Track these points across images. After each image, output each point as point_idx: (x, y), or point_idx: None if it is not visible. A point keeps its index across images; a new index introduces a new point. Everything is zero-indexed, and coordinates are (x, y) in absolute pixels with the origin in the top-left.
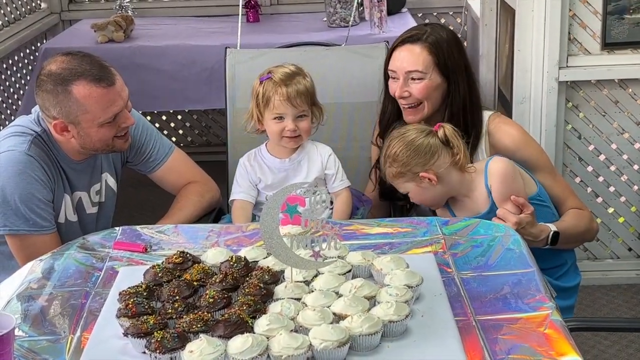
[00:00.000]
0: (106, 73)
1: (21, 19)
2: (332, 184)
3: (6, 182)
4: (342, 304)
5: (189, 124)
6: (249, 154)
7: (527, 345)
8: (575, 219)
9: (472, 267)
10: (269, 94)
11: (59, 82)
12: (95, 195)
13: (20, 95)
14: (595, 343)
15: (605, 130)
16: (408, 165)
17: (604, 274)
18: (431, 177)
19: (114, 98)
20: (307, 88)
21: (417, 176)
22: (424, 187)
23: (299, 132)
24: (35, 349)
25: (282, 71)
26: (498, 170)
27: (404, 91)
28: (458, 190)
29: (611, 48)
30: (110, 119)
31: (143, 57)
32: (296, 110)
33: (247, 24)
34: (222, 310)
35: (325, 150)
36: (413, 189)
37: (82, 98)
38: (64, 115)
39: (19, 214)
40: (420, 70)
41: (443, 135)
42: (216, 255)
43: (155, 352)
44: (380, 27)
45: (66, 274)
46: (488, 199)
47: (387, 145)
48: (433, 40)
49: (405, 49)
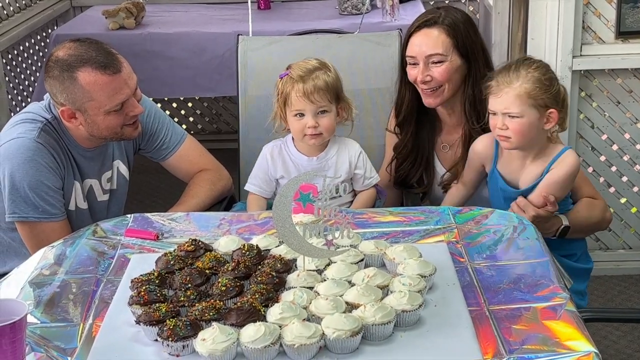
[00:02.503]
0: (112, 60)
1: (32, 5)
2: (362, 183)
3: (15, 169)
4: (354, 293)
5: (200, 111)
6: (274, 146)
7: (540, 335)
8: (588, 209)
9: (485, 257)
10: (287, 90)
11: (65, 69)
12: (107, 183)
13: (32, 81)
14: (607, 334)
15: (619, 120)
16: (549, 92)
17: (616, 265)
18: (555, 118)
19: (119, 86)
20: (327, 83)
21: (544, 109)
22: (538, 124)
23: (321, 130)
24: (48, 335)
25: (301, 66)
26: (570, 163)
27: (426, 76)
28: (535, 150)
29: (625, 37)
30: (117, 107)
31: (154, 44)
32: (315, 106)
33: (259, 12)
34: (234, 299)
35: (354, 148)
36: (530, 119)
37: (87, 85)
38: (70, 102)
39: (28, 201)
40: (440, 52)
41: (563, 92)
42: (228, 243)
43: (167, 339)
44: (392, 14)
45: (78, 260)
46: (535, 179)
47: (525, 61)
48: (450, 22)
49: (423, 33)
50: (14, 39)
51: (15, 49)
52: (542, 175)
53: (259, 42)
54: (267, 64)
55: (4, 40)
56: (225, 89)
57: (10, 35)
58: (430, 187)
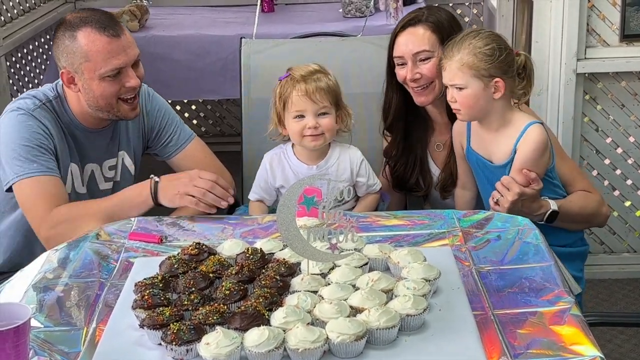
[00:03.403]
0: (113, 25)
1: (36, 7)
2: (365, 190)
3: (7, 137)
4: (359, 297)
5: (203, 114)
6: (274, 154)
7: (545, 339)
8: (581, 200)
9: (489, 261)
10: (288, 91)
11: (68, 28)
12: (109, 171)
13: (35, 84)
14: (612, 337)
15: (623, 123)
16: (490, 62)
17: (620, 268)
18: (502, 87)
19: (116, 50)
20: (328, 85)
21: (489, 79)
22: (484, 94)
23: (322, 130)
24: (51, 339)
25: (302, 68)
26: (534, 139)
27: (415, 73)
28: (496, 120)
29: (630, 40)
30: (111, 73)
31: (157, 46)
32: (316, 107)
33: (262, 14)
34: (238, 303)
35: (355, 155)
36: (473, 89)
37: (85, 45)
38: (69, 64)
39: (22, 159)
40: (427, 49)
41: (523, 61)
42: (232, 247)
43: (171, 343)
44: (396, 17)
45: (82, 264)
46: (508, 155)
47: (471, 32)
48: (434, 19)
49: (408, 32)
50: (18, 42)
51: (19, 51)
52: (512, 151)
53: (262, 45)
54: (271, 67)
55: (7, 43)
56: (229, 91)
57: (14, 38)
58: (429, 189)
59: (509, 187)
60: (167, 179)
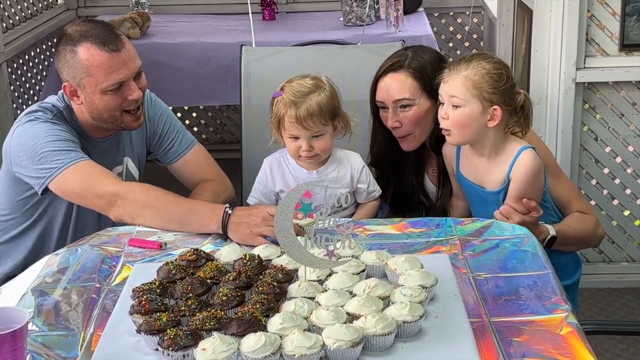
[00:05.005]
0: (114, 39)
1: (38, 14)
2: (365, 197)
3: (33, 141)
4: (355, 303)
5: (204, 121)
6: (274, 159)
7: (542, 348)
8: (578, 223)
9: (487, 269)
10: (281, 113)
11: (68, 43)
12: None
13: (37, 91)
14: (610, 346)
15: (622, 132)
16: (495, 87)
17: (619, 277)
18: (498, 116)
19: (117, 65)
20: (320, 106)
21: (488, 103)
22: (479, 118)
23: (316, 152)
24: (49, 344)
25: (294, 88)
26: (528, 165)
27: (395, 122)
28: (488, 147)
29: (629, 49)
30: (113, 87)
31: (159, 54)
32: (309, 132)
33: (263, 22)
34: (235, 308)
35: (356, 161)
36: (471, 110)
37: (86, 60)
38: (71, 77)
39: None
40: (407, 97)
41: (522, 100)
42: (230, 253)
43: (167, 349)
44: (397, 26)
45: (81, 269)
46: (501, 182)
47: (482, 54)
48: (416, 64)
49: (389, 77)
50: (20, 48)
51: (20, 58)
52: (506, 179)
53: (262, 53)
54: (271, 75)
55: (9, 50)
56: (230, 98)
57: (16, 44)
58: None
59: (509, 217)
60: (239, 216)
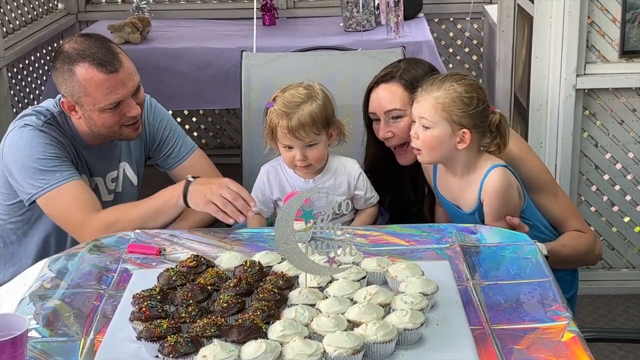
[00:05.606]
0: (111, 59)
1: (38, 19)
2: (362, 203)
3: (20, 153)
4: (356, 310)
5: (204, 126)
6: (271, 167)
7: (543, 355)
8: (573, 242)
9: (487, 276)
10: (274, 123)
11: (66, 61)
12: (111, 183)
13: (37, 95)
14: (610, 353)
15: (622, 139)
16: (464, 110)
17: (619, 284)
18: (467, 140)
19: (115, 85)
20: (312, 117)
21: (458, 126)
22: (448, 140)
23: (310, 162)
24: (48, 350)
25: (286, 98)
26: (495, 184)
27: (387, 132)
28: (460, 167)
29: (629, 56)
30: (111, 106)
31: (159, 59)
32: (301, 142)
33: (264, 27)
34: (235, 315)
35: (353, 168)
36: (440, 132)
37: (83, 80)
38: (69, 94)
39: (41, 172)
40: (398, 108)
41: (497, 120)
42: (230, 259)
43: (168, 356)
44: (397, 32)
45: (79, 274)
46: (474, 202)
47: (455, 75)
48: (409, 76)
49: (381, 88)
50: (20, 53)
51: (20, 62)
52: (477, 199)
53: (262, 58)
54: (271, 80)
55: (9, 54)
56: (230, 102)
57: (16, 49)
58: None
59: None
60: (199, 182)
